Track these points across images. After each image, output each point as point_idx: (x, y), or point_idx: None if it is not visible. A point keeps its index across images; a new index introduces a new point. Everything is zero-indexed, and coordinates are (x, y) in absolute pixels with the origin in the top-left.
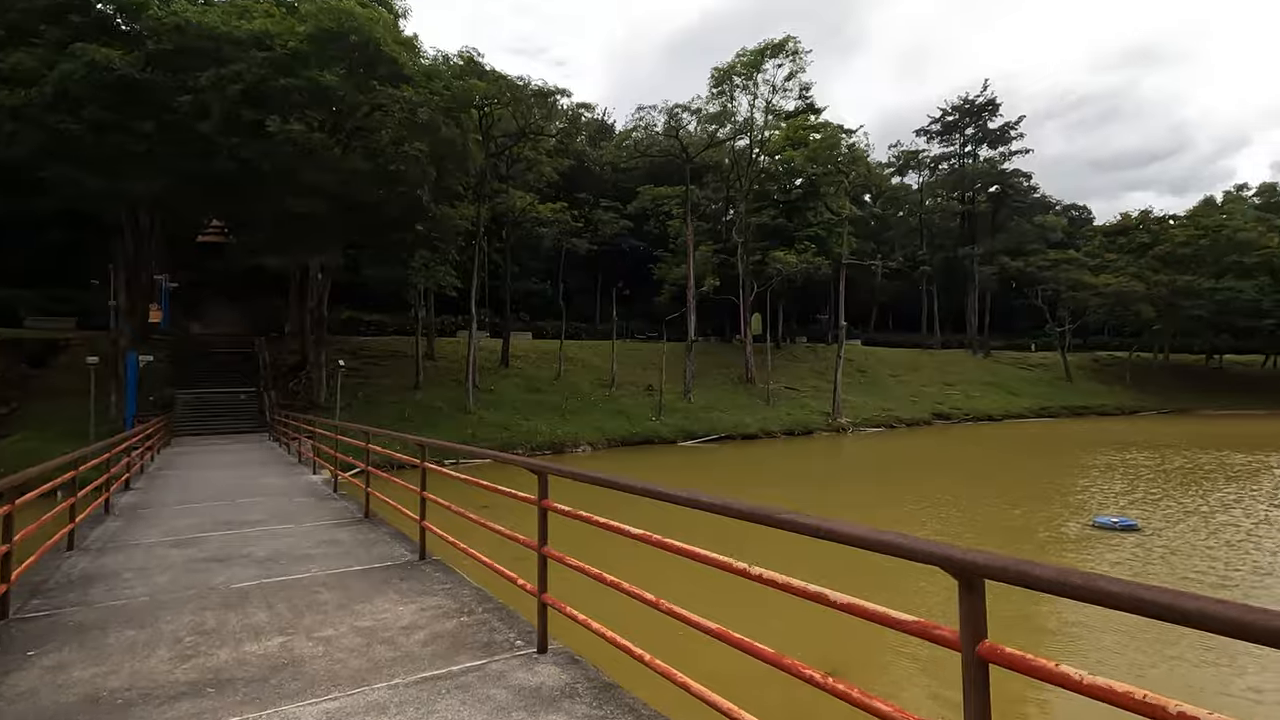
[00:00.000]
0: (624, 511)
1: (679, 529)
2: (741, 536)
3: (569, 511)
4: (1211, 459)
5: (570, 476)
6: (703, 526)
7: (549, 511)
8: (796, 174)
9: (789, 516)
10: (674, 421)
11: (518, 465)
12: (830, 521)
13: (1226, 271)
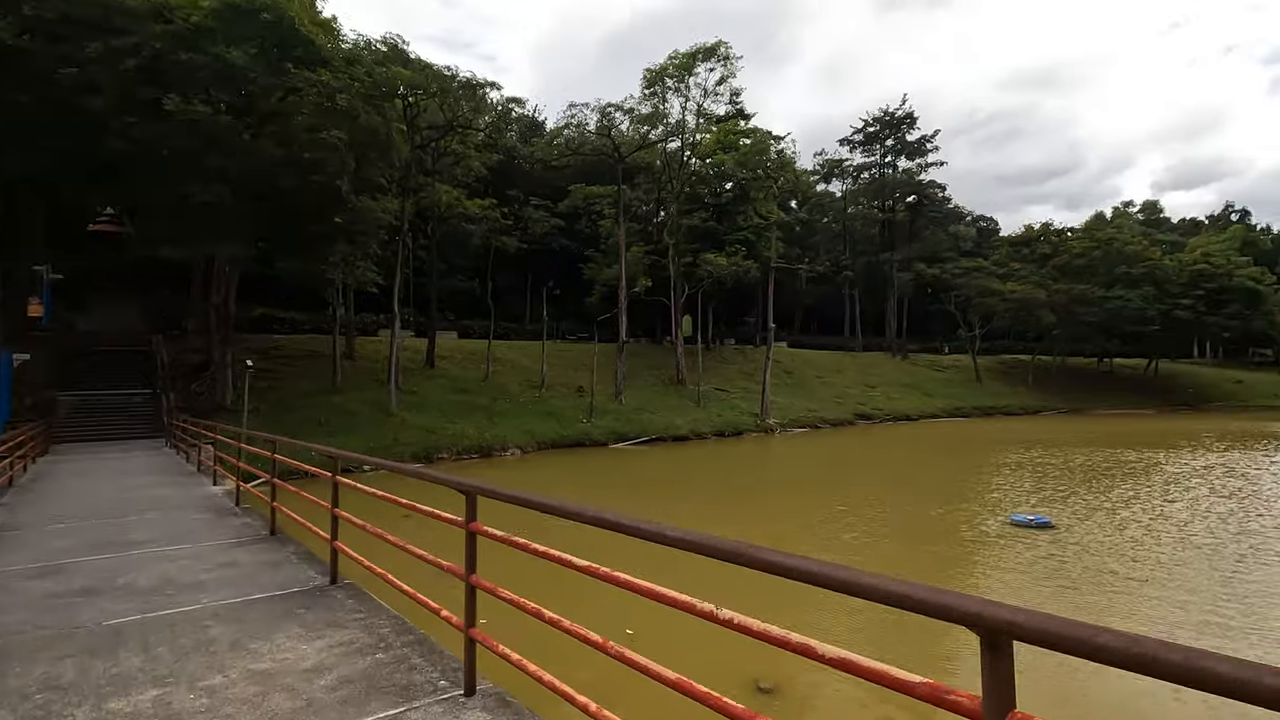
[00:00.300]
0: (562, 533)
1: (627, 555)
2: (701, 567)
3: (502, 537)
4: (1107, 457)
5: (504, 499)
6: (652, 552)
7: (478, 536)
8: (727, 178)
9: (775, 558)
10: (605, 423)
11: (443, 484)
12: (825, 566)
13: (1116, 281)
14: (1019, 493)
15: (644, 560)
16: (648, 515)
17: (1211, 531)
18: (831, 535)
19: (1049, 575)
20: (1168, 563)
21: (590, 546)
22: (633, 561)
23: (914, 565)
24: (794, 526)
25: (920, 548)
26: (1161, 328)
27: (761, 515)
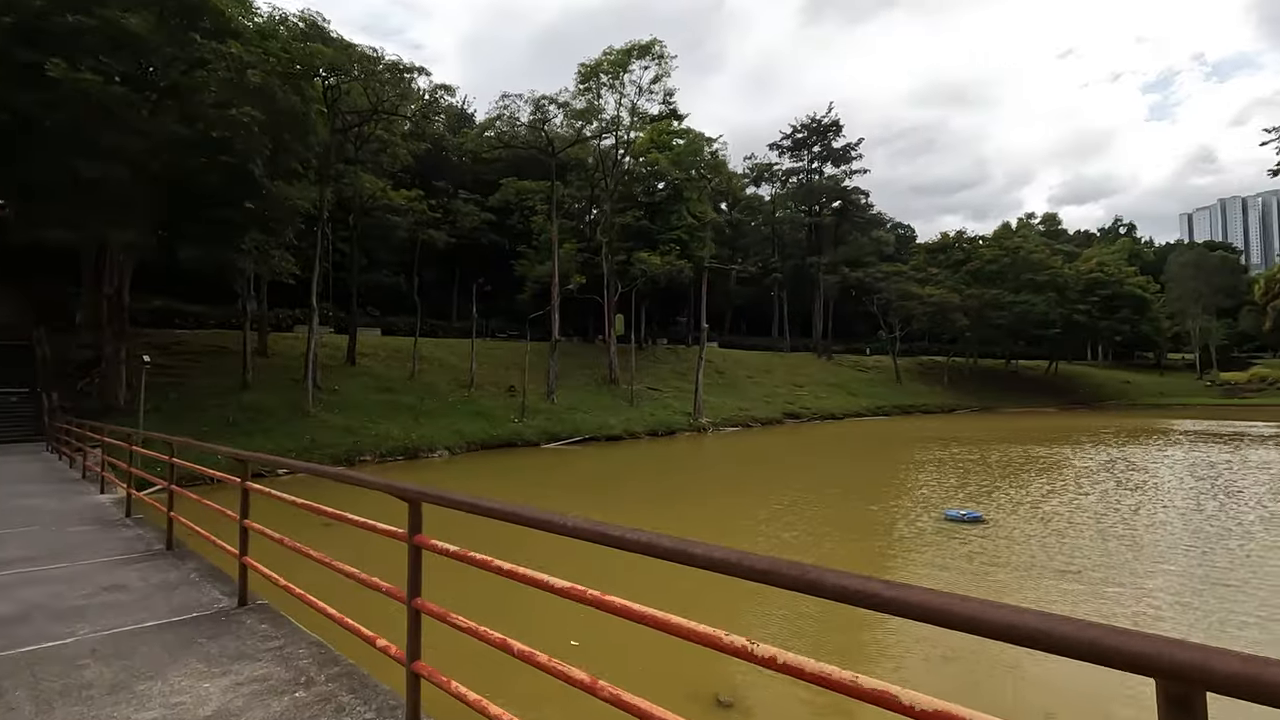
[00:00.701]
0: (514, 541)
1: (597, 566)
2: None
3: (455, 553)
4: (1020, 452)
5: (455, 505)
6: (627, 567)
7: (424, 550)
8: (661, 177)
9: (839, 581)
10: (537, 423)
11: (379, 490)
12: (912, 590)
13: (1023, 287)
14: (946, 489)
15: (624, 573)
16: (588, 518)
17: (1126, 523)
18: (773, 534)
19: (989, 569)
20: (1094, 553)
21: (551, 556)
22: (609, 575)
23: (859, 562)
24: (736, 526)
25: (862, 544)
26: (1062, 331)
27: (702, 515)
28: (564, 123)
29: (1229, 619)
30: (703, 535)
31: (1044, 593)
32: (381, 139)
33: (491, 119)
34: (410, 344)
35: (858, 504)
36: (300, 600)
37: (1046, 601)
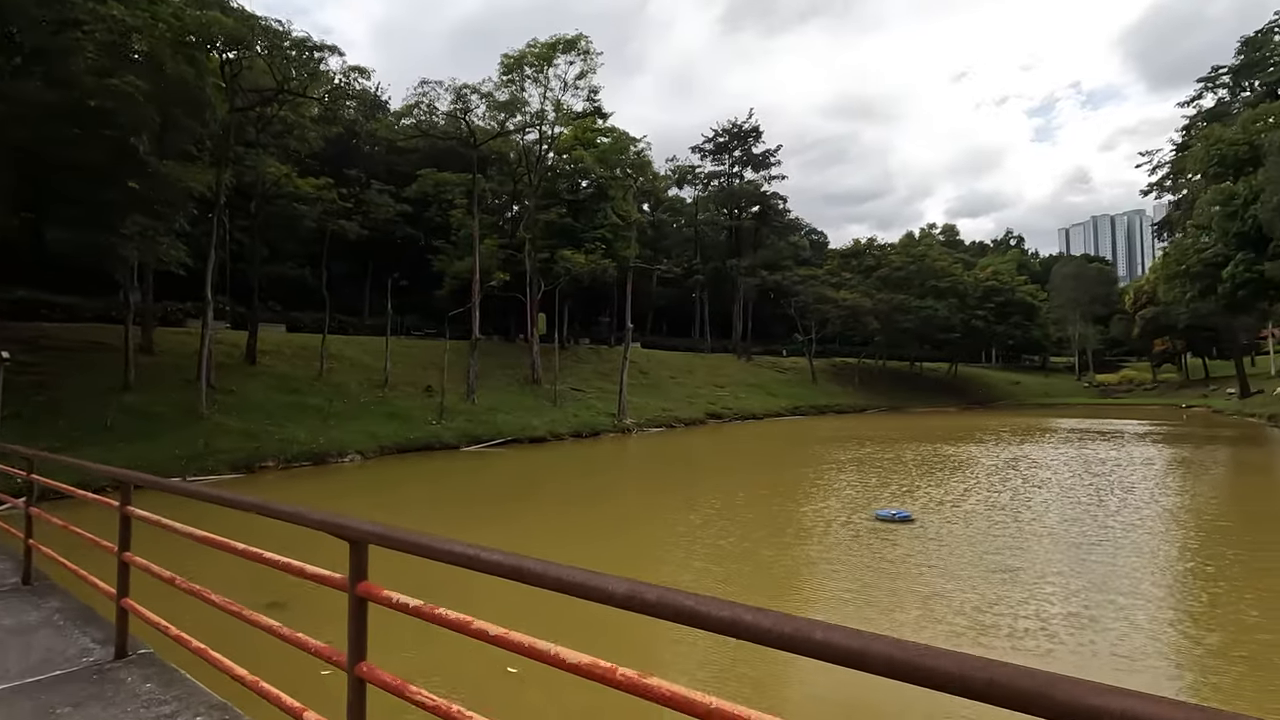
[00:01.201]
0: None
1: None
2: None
3: (419, 609)
4: (931, 451)
5: (412, 549)
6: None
7: (368, 603)
8: (585, 174)
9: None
10: (457, 425)
11: (308, 525)
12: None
13: (928, 293)
14: (870, 488)
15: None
16: (514, 524)
17: (1041, 521)
18: (711, 540)
19: (925, 570)
20: (1022, 553)
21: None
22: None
23: (801, 567)
24: (672, 533)
25: (802, 548)
26: (962, 335)
27: (635, 521)
28: (486, 114)
29: (1157, 615)
30: (638, 544)
31: (986, 594)
32: (287, 121)
33: (409, 106)
34: (318, 341)
35: (789, 505)
36: (200, 656)
37: (989, 605)
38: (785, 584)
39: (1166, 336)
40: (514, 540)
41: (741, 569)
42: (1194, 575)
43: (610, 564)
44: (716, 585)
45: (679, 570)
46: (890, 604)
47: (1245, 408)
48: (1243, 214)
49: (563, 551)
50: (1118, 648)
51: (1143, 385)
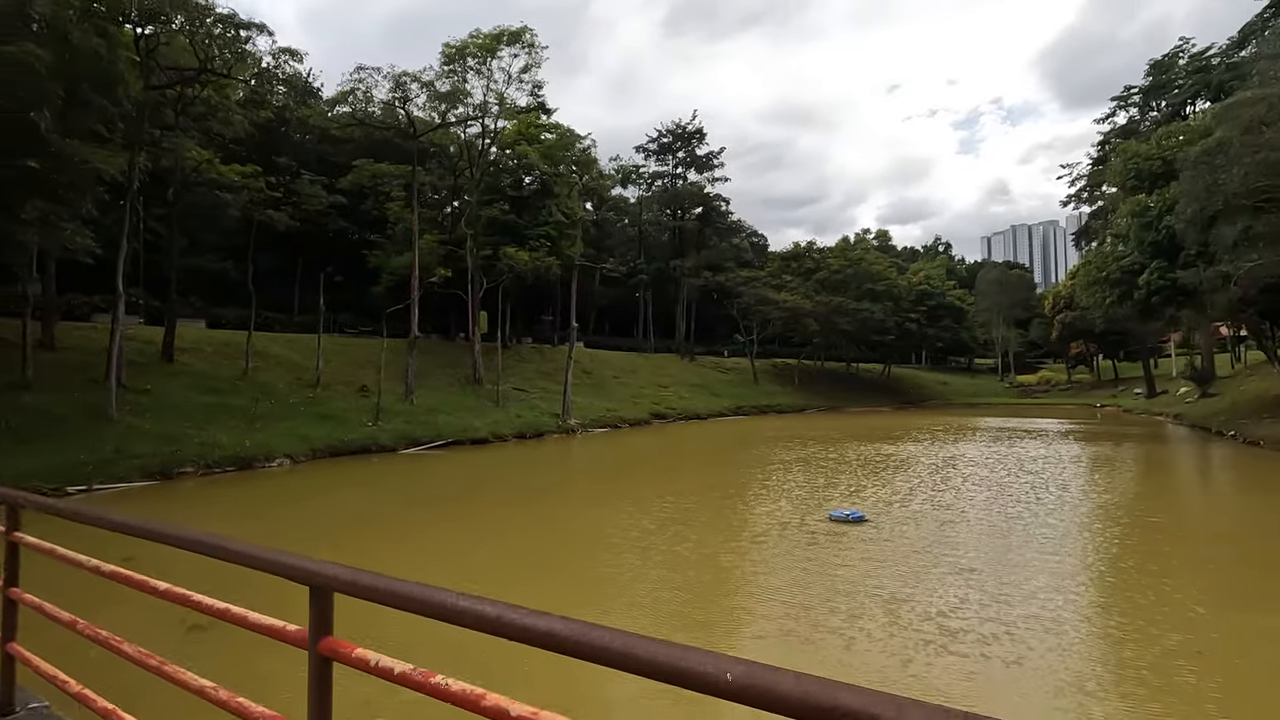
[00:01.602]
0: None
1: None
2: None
3: (405, 676)
4: (872, 450)
5: (387, 600)
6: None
7: (333, 663)
8: (530, 170)
9: None
10: (395, 426)
11: (261, 568)
12: None
13: (864, 296)
14: (818, 488)
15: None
16: (462, 531)
17: (987, 519)
18: (667, 547)
19: (889, 568)
20: (977, 551)
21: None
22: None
23: (771, 569)
24: (626, 539)
25: (762, 552)
26: (896, 337)
27: (589, 527)
28: (426, 105)
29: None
30: (591, 553)
31: (948, 597)
32: (210, 102)
33: (344, 92)
34: (243, 338)
35: (742, 507)
36: (108, 719)
37: (953, 609)
38: (748, 593)
39: (1082, 340)
40: (455, 550)
41: (701, 577)
42: (1139, 572)
43: (568, 576)
44: (675, 594)
45: (635, 580)
46: (855, 609)
47: (1152, 406)
48: (1157, 225)
49: (513, 571)
50: (1086, 650)
51: (1059, 385)
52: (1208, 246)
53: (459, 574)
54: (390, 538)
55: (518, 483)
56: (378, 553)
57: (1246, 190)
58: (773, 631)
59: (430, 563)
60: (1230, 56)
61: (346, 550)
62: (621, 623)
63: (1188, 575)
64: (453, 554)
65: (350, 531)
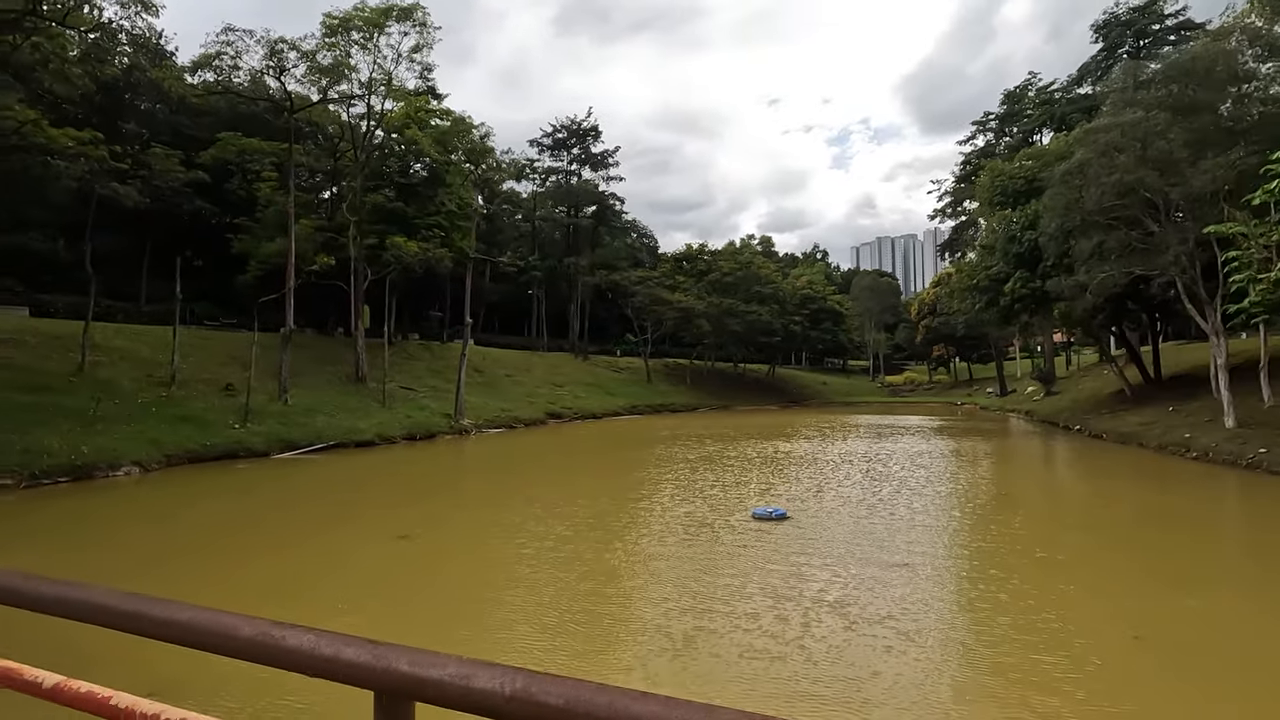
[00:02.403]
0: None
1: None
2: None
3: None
4: (771, 449)
5: None
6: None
7: None
8: (420, 156)
9: None
10: (267, 429)
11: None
12: None
13: (753, 299)
14: (730, 486)
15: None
16: (350, 540)
17: (896, 513)
18: (594, 556)
19: (829, 570)
20: (904, 544)
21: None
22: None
23: (711, 570)
24: (543, 547)
25: (693, 555)
26: (782, 338)
27: (498, 535)
28: (305, 78)
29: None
30: (509, 567)
31: (895, 595)
32: (41, 51)
33: (208, 56)
34: (76, 329)
35: (659, 509)
36: None
37: (903, 608)
38: (692, 602)
39: (943, 343)
40: (335, 560)
41: (635, 584)
42: (1047, 564)
43: (491, 596)
44: (614, 608)
45: (561, 593)
46: (807, 616)
47: (1006, 404)
48: (1020, 238)
49: (417, 587)
50: (1031, 638)
51: (922, 385)
52: (1066, 258)
53: (347, 585)
54: (256, 550)
55: (408, 487)
56: (231, 579)
57: (1100, 209)
58: (734, 646)
59: (307, 577)
60: (1069, 92)
61: (177, 580)
62: (557, 643)
63: (1080, 560)
64: (332, 564)
65: (197, 554)
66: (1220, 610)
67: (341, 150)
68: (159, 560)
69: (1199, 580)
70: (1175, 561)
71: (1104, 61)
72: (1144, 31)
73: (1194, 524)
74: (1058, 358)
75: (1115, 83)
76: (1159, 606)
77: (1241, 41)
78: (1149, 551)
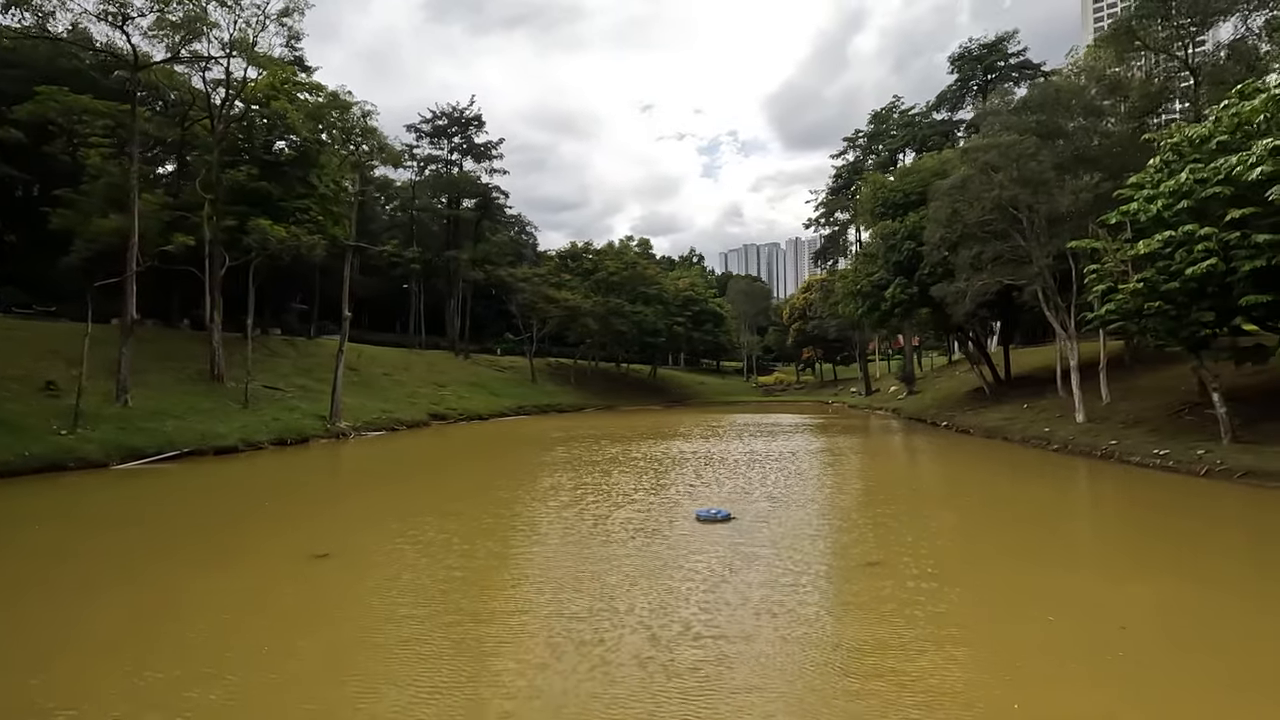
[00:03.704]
0: None
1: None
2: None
3: None
4: (676, 450)
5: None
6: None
7: None
8: (288, 132)
9: None
10: (104, 435)
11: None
12: None
13: (638, 299)
14: (655, 489)
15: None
16: (210, 580)
17: (833, 510)
18: (541, 573)
19: (800, 572)
20: (865, 543)
21: None
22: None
23: (673, 590)
24: (474, 565)
25: (651, 566)
26: (666, 339)
27: (411, 546)
28: (153, 31)
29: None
30: (447, 590)
31: (894, 589)
32: None
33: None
34: None
35: (592, 516)
36: None
37: (917, 598)
38: (675, 624)
39: (812, 346)
40: (207, 610)
41: (602, 605)
42: (1010, 550)
43: (441, 623)
44: (593, 633)
45: (527, 632)
46: (812, 635)
47: (873, 403)
48: (900, 247)
49: (319, 633)
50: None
51: (791, 385)
52: (941, 266)
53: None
54: (97, 593)
55: (290, 499)
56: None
57: (979, 222)
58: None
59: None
60: (927, 116)
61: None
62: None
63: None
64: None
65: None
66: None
67: (191, 118)
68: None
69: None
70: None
71: (959, 91)
72: (992, 67)
73: (1098, 506)
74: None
75: (991, 108)
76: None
77: (1090, 80)
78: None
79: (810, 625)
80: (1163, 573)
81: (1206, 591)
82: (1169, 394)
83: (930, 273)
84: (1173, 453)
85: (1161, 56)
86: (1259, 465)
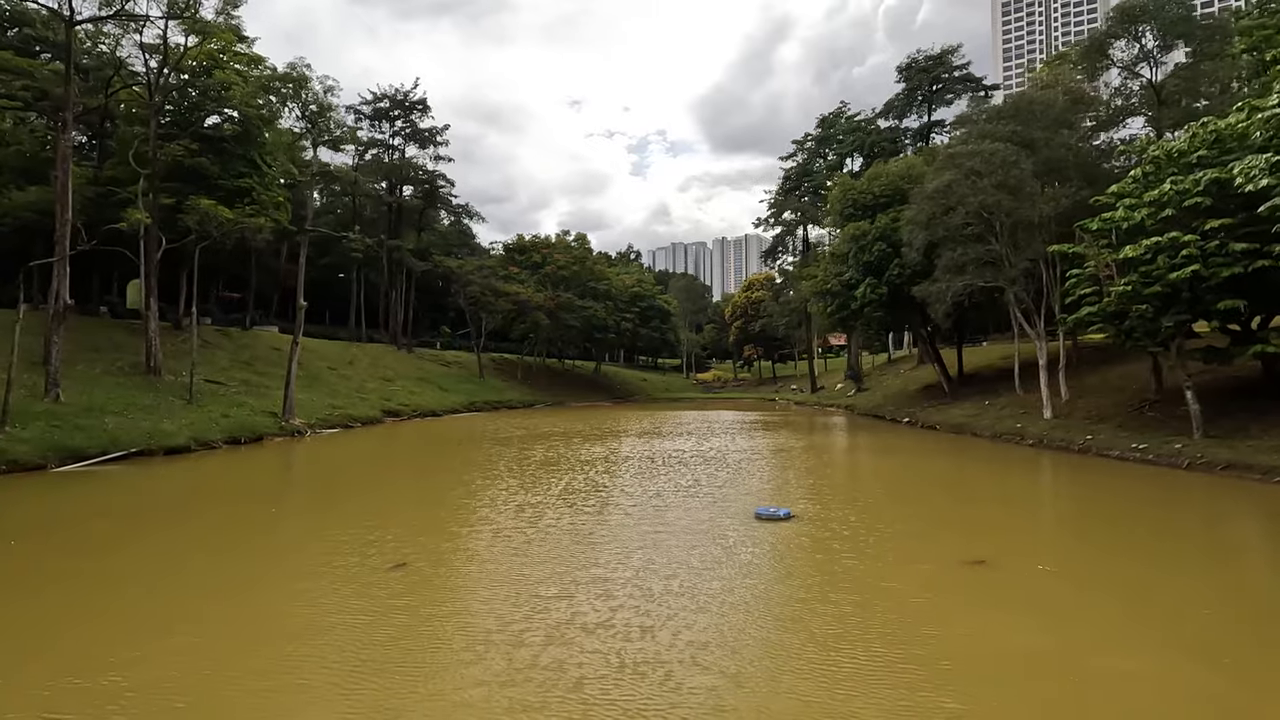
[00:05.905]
0: None
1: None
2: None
3: None
4: (639, 443)
5: None
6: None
7: None
8: (228, 104)
9: None
10: (35, 434)
11: None
12: None
13: (588, 294)
14: (675, 492)
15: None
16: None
17: (867, 508)
18: (545, 584)
19: (908, 566)
20: (944, 540)
21: None
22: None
23: (767, 576)
24: (566, 584)
25: (722, 562)
26: (614, 335)
27: (440, 565)
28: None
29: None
30: (465, 613)
31: (1014, 586)
32: None
33: None
34: None
35: (660, 522)
36: None
37: (1036, 594)
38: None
39: (754, 344)
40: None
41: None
42: (1118, 550)
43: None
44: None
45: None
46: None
47: (822, 399)
48: (870, 248)
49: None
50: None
51: (730, 382)
52: (919, 267)
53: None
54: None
55: (291, 499)
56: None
57: (959, 225)
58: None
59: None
60: (872, 123)
61: None
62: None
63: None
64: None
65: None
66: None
67: (116, 84)
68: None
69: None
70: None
71: (905, 100)
72: (937, 79)
73: (1079, 499)
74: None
75: (967, 114)
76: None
77: (1057, 94)
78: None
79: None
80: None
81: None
82: (1121, 392)
83: (901, 274)
84: (1151, 447)
85: (1124, 75)
86: (1237, 459)
